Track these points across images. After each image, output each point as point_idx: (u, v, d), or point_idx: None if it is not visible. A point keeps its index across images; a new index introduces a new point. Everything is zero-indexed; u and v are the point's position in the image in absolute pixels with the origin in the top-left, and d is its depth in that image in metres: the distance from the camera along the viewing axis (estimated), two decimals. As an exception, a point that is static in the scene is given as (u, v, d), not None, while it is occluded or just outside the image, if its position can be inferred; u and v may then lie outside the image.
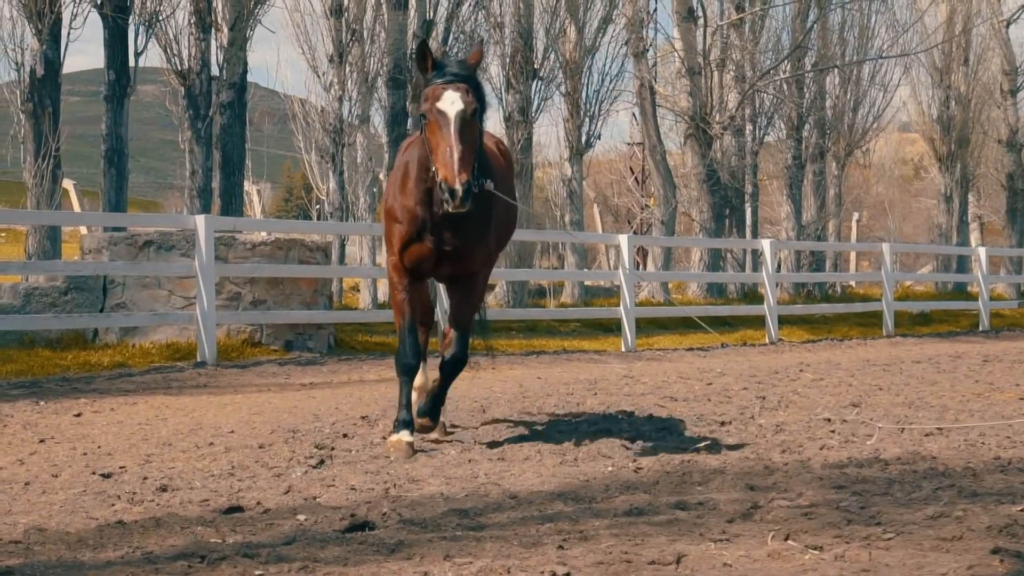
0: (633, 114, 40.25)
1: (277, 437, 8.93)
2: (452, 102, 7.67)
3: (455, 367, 8.55)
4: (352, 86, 26.43)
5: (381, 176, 27.79)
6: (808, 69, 35.16)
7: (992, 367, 15.45)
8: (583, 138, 30.03)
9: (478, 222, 8.11)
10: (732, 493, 6.32)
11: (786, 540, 5.08)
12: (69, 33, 21.57)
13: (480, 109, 7.89)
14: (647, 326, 23.63)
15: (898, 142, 66.82)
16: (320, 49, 27.05)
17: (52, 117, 20.91)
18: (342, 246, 27.80)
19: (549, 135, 78.70)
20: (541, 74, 28.31)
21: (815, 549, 4.93)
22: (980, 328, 28.17)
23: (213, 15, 23.42)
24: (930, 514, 5.56)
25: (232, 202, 23.82)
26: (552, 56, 28.76)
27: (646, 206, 37.69)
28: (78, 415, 10.59)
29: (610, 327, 22.79)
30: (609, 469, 7.39)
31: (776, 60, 33.90)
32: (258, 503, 6.31)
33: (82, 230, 20.90)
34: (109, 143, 21.95)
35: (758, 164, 36.81)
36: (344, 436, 8.96)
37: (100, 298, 16.49)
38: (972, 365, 15.80)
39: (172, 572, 4.71)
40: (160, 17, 22.79)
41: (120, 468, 7.64)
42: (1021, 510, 5.60)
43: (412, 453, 8.01)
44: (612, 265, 23.83)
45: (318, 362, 16.06)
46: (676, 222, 31.95)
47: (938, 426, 9.31)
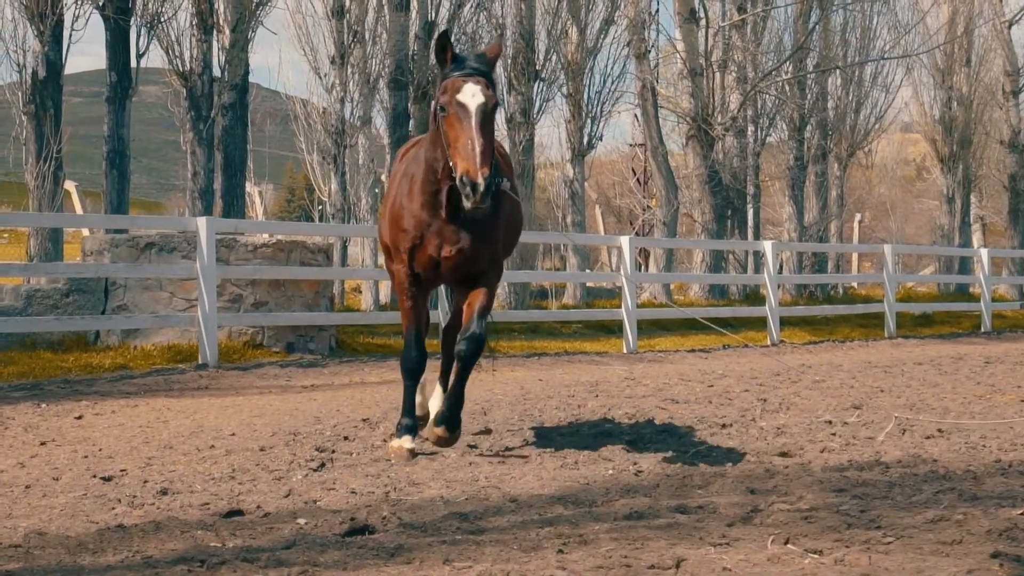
0: (635, 115, 40.28)
1: (278, 440, 8.93)
2: (473, 95, 7.46)
3: (474, 347, 7.92)
4: (354, 87, 26.44)
5: (383, 177, 27.80)
6: (810, 70, 35.16)
7: (994, 369, 15.44)
8: (585, 139, 30.03)
9: (488, 222, 7.90)
10: (732, 496, 6.33)
11: (786, 544, 5.08)
12: (71, 35, 21.58)
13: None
14: (649, 327, 23.63)
15: (900, 143, 66.94)
16: (322, 50, 27.14)
17: (54, 119, 20.92)
18: (344, 247, 27.81)
19: (551, 136, 78.94)
20: (543, 75, 28.31)
21: (815, 553, 4.92)
22: (982, 329, 28.15)
23: (215, 17, 23.43)
24: (930, 518, 5.55)
25: (234, 203, 23.83)
26: (554, 57, 28.75)
27: (648, 207, 37.70)
28: (79, 417, 10.60)
29: (612, 328, 22.80)
30: (610, 472, 7.39)
31: (778, 61, 33.90)
32: (258, 506, 6.31)
33: (84, 232, 20.89)
34: (111, 144, 21.96)
35: (760, 165, 36.82)
36: (345, 439, 8.96)
37: (102, 300, 16.50)
38: (974, 367, 15.80)
39: (171, 576, 4.72)
40: (162, 19, 22.79)
41: (121, 471, 7.64)
42: (1021, 514, 5.59)
43: (413, 458, 7.96)
44: (614, 266, 23.86)
45: (319, 364, 16.06)
46: (678, 223, 31.95)
47: (939, 427, 9.31)
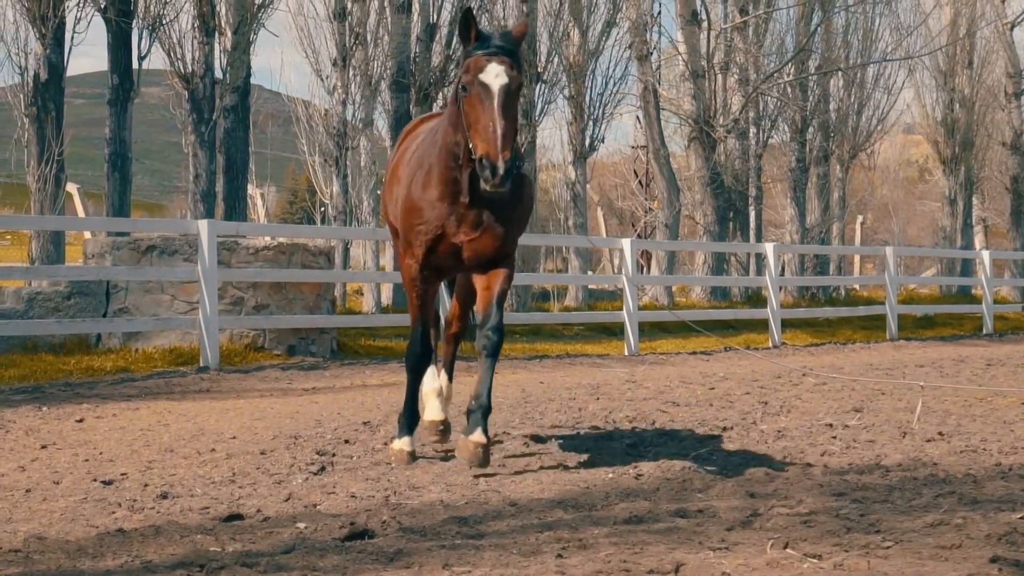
0: (637, 117, 40.33)
1: (279, 443, 8.93)
2: (496, 75, 7.15)
3: (497, 338, 7.59)
4: (355, 90, 26.44)
5: (384, 179, 27.79)
6: (812, 72, 35.16)
7: (995, 371, 15.44)
8: (587, 141, 30.03)
9: (509, 204, 7.60)
10: (732, 500, 6.32)
11: (785, 548, 5.07)
12: (73, 37, 21.63)
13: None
14: (650, 330, 23.63)
15: (903, 144, 66.92)
16: (324, 53, 27.13)
17: (55, 121, 20.95)
18: (346, 249, 27.82)
19: (553, 138, 78.98)
20: (545, 77, 28.32)
21: (814, 558, 4.91)
22: (984, 331, 28.13)
23: (216, 19, 23.45)
24: (930, 522, 5.55)
25: (236, 206, 23.84)
26: (556, 59, 28.75)
27: (650, 209, 37.70)
28: (80, 420, 10.60)
29: (613, 330, 22.79)
30: (610, 476, 7.39)
31: (780, 63, 33.92)
32: (258, 510, 6.31)
33: (86, 234, 20.90)
34: (113, 147, 21.99)
35: (762, 167, 36.83)
36: (346, 442, 8.96)
37: (103, 303, 16.50)
38: (975, 369, 15.79)
39: (171, 581, 4.72)
40: (164, 21, 22.83)
41: (121, 475, 7.65)
42: (1021, 518, 5.58)
43: (413, 461, 7.90)
44: (616, 267, 23.86)
45: (321, 367, 16.06)
46: (680, 225, 31.95)
47: (940, 430, 9.31)
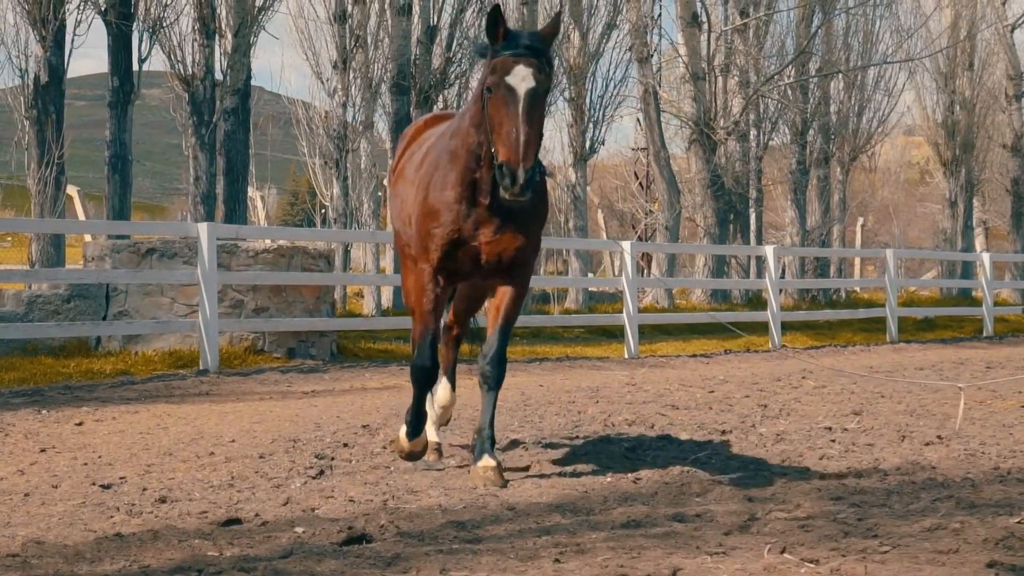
0: (637, 119, 40.31)
1: (278, 447, 8.94)
2: (523, 78, 6.83)
3: (500, 370, 7.44)
4: (356, 92, 26.45)
5: (385, 182, 27.81)
6: (812, 74, 35.18)
7: (995, 374, 15.44)
8: (587, 143, 30.05)
9: (530, 211, 7.31)
10: (730, 504, 6.33)
11: (782, 553, 5.08)
12: (73, 40, 21.66)
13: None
14: (651, 332, 23.64)
15: (904, 145, 66.92)
16: (324, 55, 27.10)
17: (56, 124, 20.96)
18: (346, 251, 27.81)
19: (553, 140, 78.63)
20: (545, 80, 28.27)
21: (811, 563, 4.92)
22: (984, 334, 28.13)
23: (217, 21, 23.46)
24: (927, 526, 5.55)
25: (236, 208, 23.85)
26: (556, 61, 28.74)
27: (650, 211, 37.71)
28: (80, 424, 10.59)
29: (614, 333, 22.79)
30: (608, 480, 7.40)
31: (780, 65, 33.94)
32: (256, 515, 6.31)
33: (86, 237, 20.92)
34: (113, 150, 22.00)
35: (762, 169, 36.84)
36: (344, 446, 8.96)
37: (103, 305, 16.51)
38: (975, 372, 15.80)
39: (168, 587, 4.73)
40: (164, 23, 22.84)
41: (120, 479, 7.65)
42: (1018, 522, 5.59)
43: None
44: (616, 269, 23.87)
45: (320, 370, 16.06)
46: (680, 227, 31.96)
47: (939, 434, 9.32)
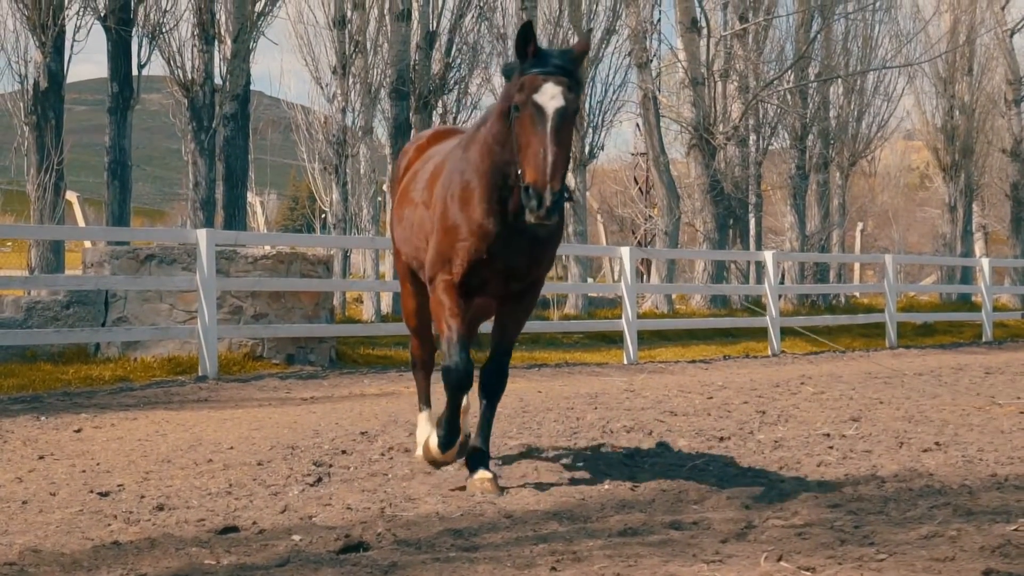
0: (637, 124, 40.32)
1: (276, 454, 8.93)
2: (552, 96, 6.66)
3: (502, 379, 7.48)
4: (355, 97, 26.47)
5: (385, 187, 27.82)
6: (812, 79, 35.19)
7: (994, 379, 15.44)
8: (587, 148, 30.06)
9: (552, 235, 7.21)
10: (727, 512, 6.32)
11: (779, 561, 5.07)
12: (73, 45, 21.66)
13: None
14: (650, 337, 23.63)
15: (904, 150, 66.91)
16: (323, 60, 27.17)
17: (55, 129, 20.96)
18: (346, 256, 27.82)
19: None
20: (544, 85, 28.27)
21: (807, 571, 4.91)
22: (983, 339, 28.13)
23: (216, 27, 23.47)
24: (924, 534, 5.55)
25: (236, 214, 23.86)
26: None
27: (650, 216, 37.71)
28: (78, 431, 10.60)
29: (613, 338, 22.78)
30: (606, 487, 7.39)
31: (780, 70, 33.94)
32: (254, 522, 6.32)
33: (85, 243, 20.94)
34: (112, 155, 22.01)
35: (762, 174, 36.82)
36: (343, 452, 8.96)
37: (102, 312, 16.51)
38: (974, 377, 15.79)
39: (165, 595, 4.73)
40: (163, 29, 22.84)
41: (118, 486, 7.65)
42: (1015, 529, 5.59)
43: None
44: (616, 274, 23.88)
45: (319, 376, 16.07)
46: (680, 232, 31.96)
47: (937, 440, 9.32)
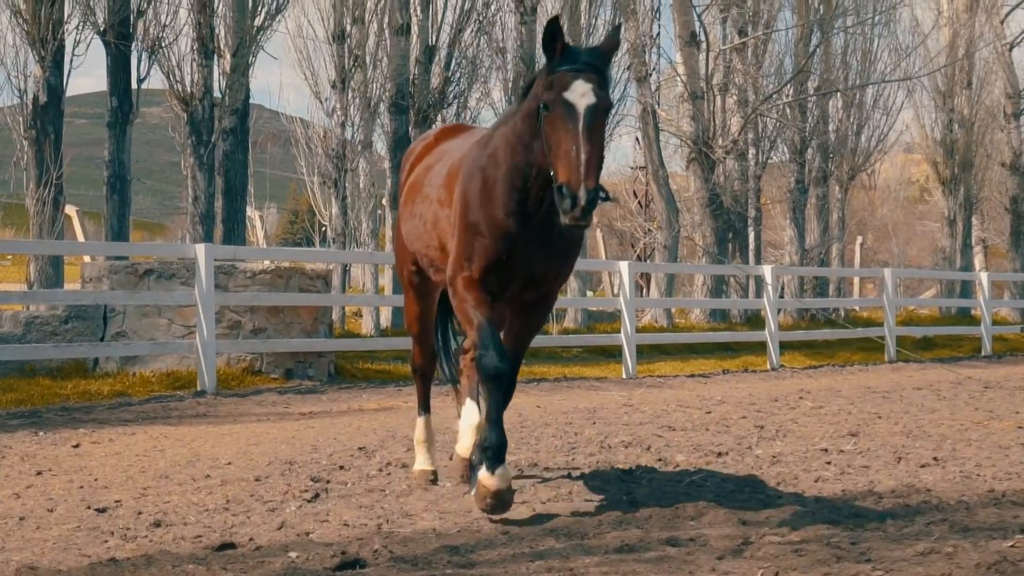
0: (636, 138, 40.37)
1: (274, 469, 8.94)
2: (583, 94, 6.48)
3: (508, 366, 7.05)
4: (354, 111, 26.48)
5: (384, 201, 27.82)
6: (811, 93, 35.22)
7: (993, 394, 15.45)
8: (586, 162, 29.99)
9: (572, 244, 7.13)
10: (724, 528, 6.32)
11: (775, 579, 5.08)
12: (72, 60, 21.64)
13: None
14: (649, 351, 23.63)
15: (903, 163, 66.90)
16: (323, 75, 27.12)
17: (54, 144, 20.95)
18: (346, 269, 27.80)
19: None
20: (543, 99, 28.29)
21: (803, 588, 4.93)
22: (983, 353, 28.13)
23: (215, 41, 23.49)
24: (920, 550, 5.55)
25: (235, 228, 23.86)
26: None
27: (649, 230, 37.72)
28: (76, 446, 10.60)
29: (612, 352, 22.78)
30: (603, 503, 7.39)
31: (779, 84, 33.97)
32: (251, 539, 6.32)
33: (84, 257, 20.94)
34: (112, 169, 22.01)
35: (761, 188, 36.83)
36: (340, 468, 8.96)
37: (101, 327, 16.51)
38: (973, 392, 15.80)
39: (160, 613, 4.73)
40: (163, 43, 22.86)
41: (116, 502, 7.65)
42: (1012, 546, 5.59)
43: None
44: (615, 288, 23.90)
45: (318, 391, 16.07)
46: (679, 246, 31.96)
47: (935, 455, 9.32)
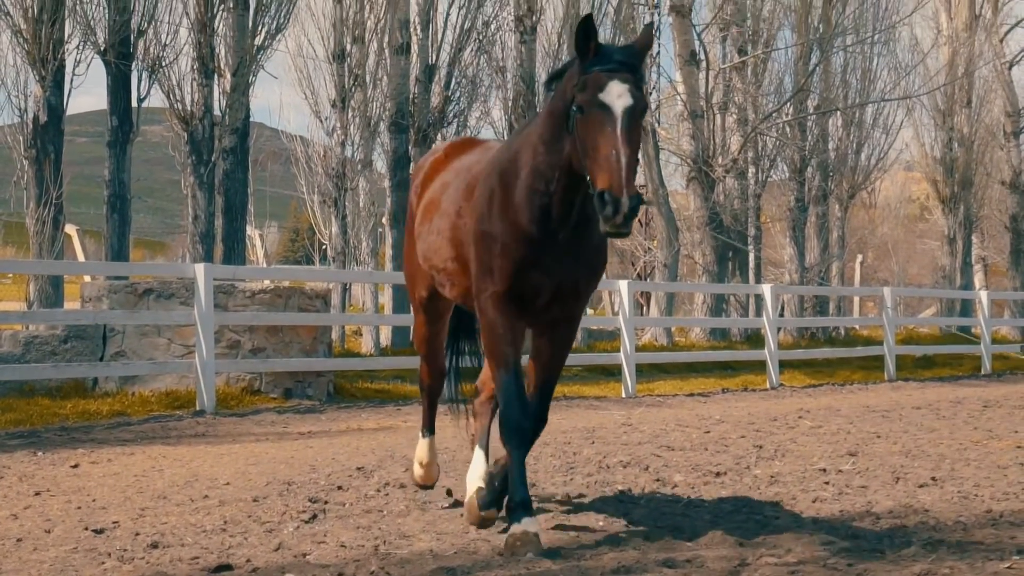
0: (636, 157, 40.34)
1: (272, 489, 8.93)
2: (619, 95, 6.14)
3: (541, 422, 6.97)
4: (354, 130, 26.52)
5: (384, 220, 27.84)
6: (811, 112, 35.27)
7: (992, 413, 15.45)
8: (586, 181, 30.02)
9: (599, 249, 6.86)
10: (721, 549, 6.32)
11: (771, 601, 5.08)
12: (72, 79, 21.72)
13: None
14: (649, 370, 23.63)
15: (904, 181, 66.95)
16: (323, 94, 27.17)
17: (54, 164, 21.01)
18: (346, 289, 27.81)
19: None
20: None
21: (799, 610, 4.92)
22: (982, 372, 28.12)
23: (216, 61, 23.54)
24: (917, 572, 5.55)
25: (235, 247, 23.88)
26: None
27: (649, 249, 37.74)
28: (75, 466, 10.59)
29: (612, 371, 22.78)
30: (600, 523, 7.39)
31: (779, 103, 34.03)
32: (248, 560, 6.31)
33: (84, 277, 20.96)
34: (112, 189, 22.05)
35: (761, 207, 36.87)
36: (339, 488, 8.95)
37: (100, 346, 16.52)
38: (972, 411, 15.80)
39: (155, 636, 4.72)
40: (163, 63, 22.92)
41: (113, 523, 7.63)
42: (1008, 567, 5.59)
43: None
44: (615, 307, 23.93)
45: (317, 410, 16.06)
46: (679, 264, 31.98)
47: (933, 475, 9.32)
